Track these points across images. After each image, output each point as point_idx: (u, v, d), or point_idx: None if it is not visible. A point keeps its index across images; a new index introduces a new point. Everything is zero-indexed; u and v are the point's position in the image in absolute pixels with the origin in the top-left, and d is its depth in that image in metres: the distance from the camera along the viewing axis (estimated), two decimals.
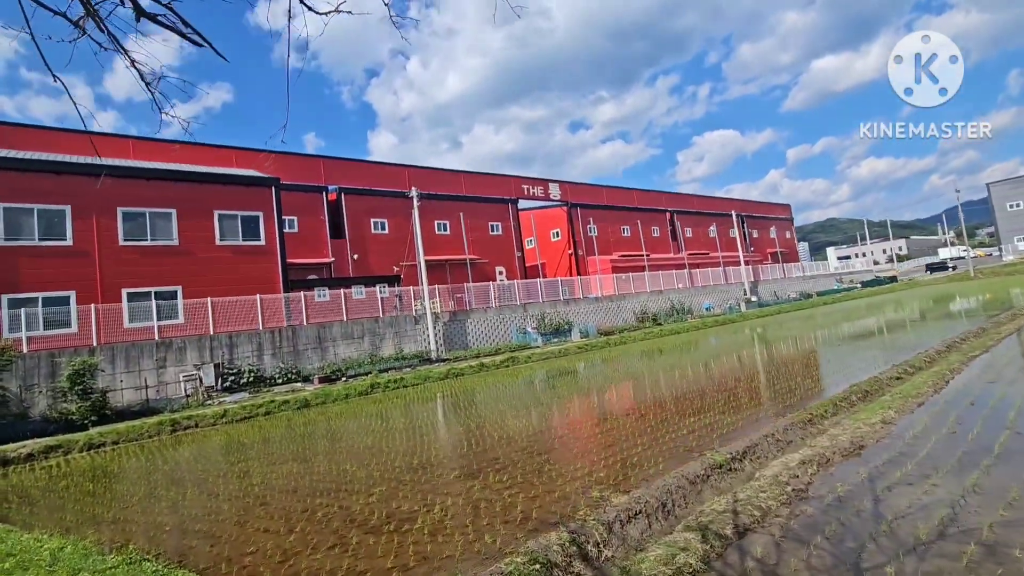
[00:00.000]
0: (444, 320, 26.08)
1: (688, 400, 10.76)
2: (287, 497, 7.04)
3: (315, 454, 9.64)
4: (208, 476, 8.91)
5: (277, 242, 22.31)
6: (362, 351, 23.03)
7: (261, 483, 7.95)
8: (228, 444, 12.18)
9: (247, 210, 21.69)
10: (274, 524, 6.02)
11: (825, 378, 11.00)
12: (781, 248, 61.28)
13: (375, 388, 18.89)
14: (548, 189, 42.79)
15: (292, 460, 9.32)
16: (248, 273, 21.36)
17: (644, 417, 9.49)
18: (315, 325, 22.00)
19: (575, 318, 30.77)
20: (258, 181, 22.37)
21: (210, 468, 9.58)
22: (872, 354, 13.69)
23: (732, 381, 12.69)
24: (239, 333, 20.14)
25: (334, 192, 31.67)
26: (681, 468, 6.06)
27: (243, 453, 10.58)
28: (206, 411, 16.21)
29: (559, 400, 13.43)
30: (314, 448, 10.26)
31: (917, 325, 21.46)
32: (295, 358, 21.19)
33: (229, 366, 19.62)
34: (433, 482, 6.92)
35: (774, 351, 18.34)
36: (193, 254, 20.32)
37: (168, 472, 9.79)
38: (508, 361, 22.76)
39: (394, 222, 33.20)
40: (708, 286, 41.56)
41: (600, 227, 45.05)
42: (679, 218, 52.28)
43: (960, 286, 46.53)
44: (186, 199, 20.36)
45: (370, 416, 14.09)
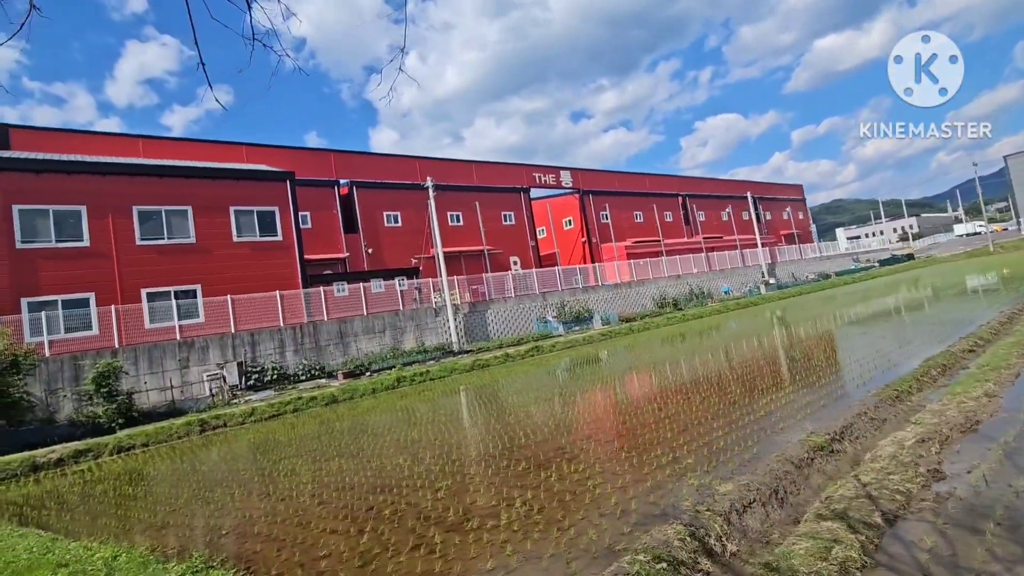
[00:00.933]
0: (464, 311, 25.62)
1: (749, 380, 10.25)
2: (345, 495, 6.60)
3: (360, 449, 9.21)
4: (252, 475, 8.50)
5: (294, 236, 21.87)
6: (384, 345, 22.63)
7: (312, 481, 7.52)
8: (263, 442, 11.78)
9: (263, 205, 21.24)
10: (340, 524, 5.57)
11: (888, 354, 10.44)
12: (795, 230, 60.37)
13: (401, 382, 18.49)
14: (560, 177, 42.12)
15: (338, 456, 8.89)
16: (267, 269, 20.95)
17: (707, 399, 8.98)
18: (336, 320, 21.59)
19: (594, 306, 30.25)
20: (273, 175, 21.90)
21: (251, 467, 9.18)
22: (927, 328, 13.10)
23: (787, 360, 12.16)
24: (260, 330, 19.76)
25: (346, 186, 31.18)
26: (780, 451, 5.56)
27: (282, 451, 10.17)
28: (233, 410, 15.86)
29: (603, 385, 12.95)
30: (357, 443, 9.83)
31: (958, 298, 20.79)
32: (317, 354, 20.81)
33: (252, 364, 19.26)
34: (501, 475, 6.46)
35: (817, 328, 17.78)
36: (211, 251, 19.91)
37: (208, 473, 9.39)
38: (533, 351, 22.30)
39: (407, 215, 32.69)
40: (726, 269, 40.87)
41: (613, 213, 44.35)
42: (692, 202, 51.49)
43: (982, 261, 45.64)
44: (201, 196, 19.93)
45: (404, 410, 13.67)
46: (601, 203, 43.76)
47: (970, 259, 51.63)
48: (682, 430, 7.25)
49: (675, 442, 6.71)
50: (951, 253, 57.98)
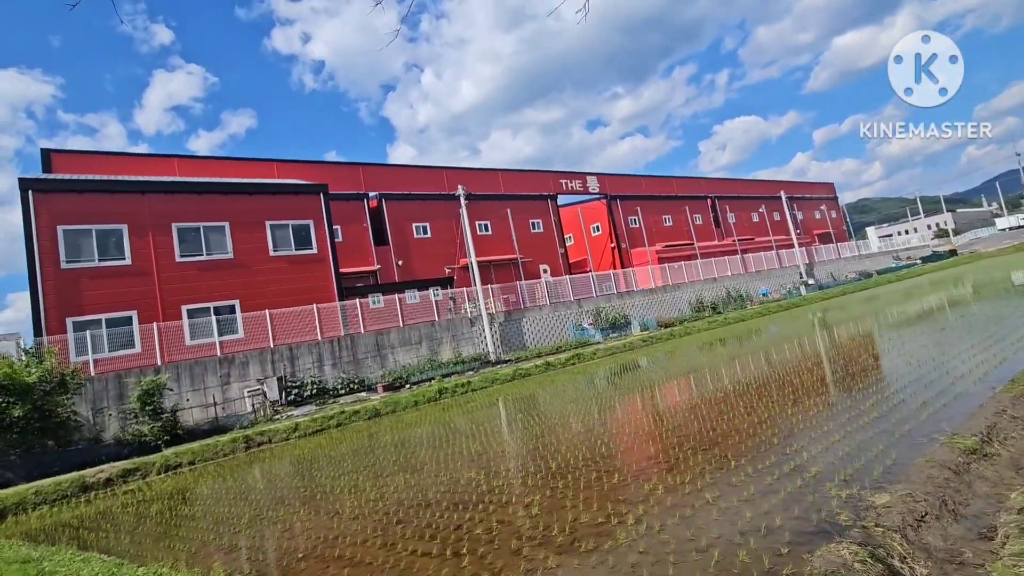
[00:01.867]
0: (499, 320, 25.12)
1: (837, 380, 9.47)
2: (424, 512, 6.06)
3: (422, 463, 8.69)
4: (313, 492, 8.03)
5: (329, 249, 21.72)
6: (420, 357, 22.22)
7: (381, 497, 7.01)
8: (313, 458, 11.37)
9: (298, 219, 21.16)
10: (430, 546, 5.03)
11: (986, 348, 9.56)
12: (829, 229, 58.63)
13: (443, 394, 18.02)
14: (586, 182, 41.61)
15: (400, 471, 8.39)
16: (303, 282, 20.80)
17: (799, 401, 8.24)
18: (372, 332, 21.28)
19: (629, 311, 29.49)
20: (306, 189, 21.85)
21: (309, 484, 8.72)
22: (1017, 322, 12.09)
23: (869, 358, 11.31)
24: (299, 344, 19.54)
25: (375, 199, 31.13)
26: (926, 456, 4.86)
27: (337, 466, 9.70)
28: (276, 426, 15.55)
29: (664, 388, 12.24)
30: (416, 456, 9.32)
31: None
32: (355, 367, 20.49)
33: (292, 379, 19.01)
34: (595, 488, 5.85)
35: (882, 323, 16.77)
36: (248, 266, 19.84)
37: (264, 491, 8.97)
38: (574, 358, 21.64)
39: (436, 225, 32.49)
40: (762, 271, 39.67)
41: (642, 218, 43.57)
42: (721, 203, 50.40)
43: None
44: (238, 211, 19.92)
45: (452, 421, 13.14)
46: (629, 208, 43.04)
47: (1019, 252, 49.30)
48: (787, 435, 6.55)
49: (787, 448, 6.02)
50: (997, 247, 55.53)
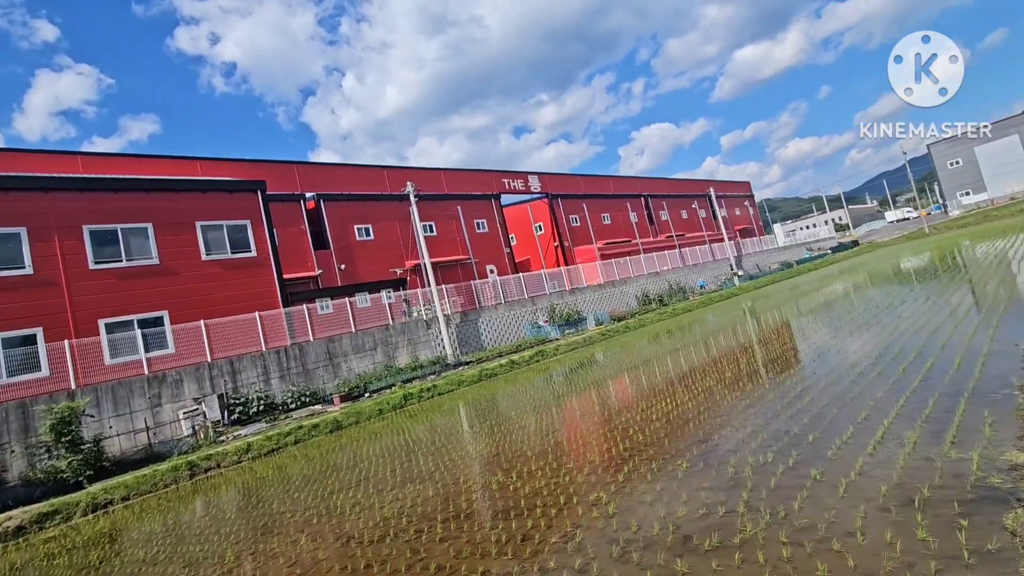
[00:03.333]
0: (456, 322, 24.22)
1: (848, 347, 9.59)
2: (469, 524, 5.25)
3: (427, 470, 7.78)
4: (308, 515, 6.90)
5: (270, 252, 19.90)
6: (376, 363, 20.87)
7: (399, 513, 6.07)
8: (280, 480, 10.02)
9: (233, 219, 19.18)
10: (512, 565, 4.26)
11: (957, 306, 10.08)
12: (747, 224, 62.52)
13: (409, 399, 16.94)
14: (528, 182, 41.52)
15: (409, 481, 7.44)
16: (242, 288, 18.86)
17: (821, 379, 8.18)
18: (323, 340, 19.69)
19: (582, 307, 29.58)
20: (242, 186, 19.89)
21: (295, 507, 7.53)
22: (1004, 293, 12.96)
23: (872, 322, 11.66)
24: (241, 357, 17.64)
25: (312, 200, 29.15)
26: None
27: (318, 486, 8.51)
28: (221, 448, 13.82)
29: (643, 374, 11.95)
30: (414, 464, 8.36)
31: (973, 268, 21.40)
32: (306, 378, 18.83)
33: (235, 395, 17.10)
34: (665, 478, 5.32)
35: (822, 298, 17.64)
36: (177, 273, 17.66)
37: (237, 520, 7.65)
38: (537, 355, 21.21)
39: (380, 227, 30.97)
40: (699, 264, 41.40)
41: (582, 216, 44.15)
42: (654, 201, 52.22)
43: (924, 241, 48.53)
44: (163, 211, 17.69)
45: (432, 426, 12.22)
46: (570, 206, 43.45)
47: (910, 241, 54.95)
48: (865, 418, 6.34)
49: (841, 417, 5.79)
50: (891, 237, 61.64)
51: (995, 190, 59.49)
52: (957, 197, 62.21)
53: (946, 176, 63.62)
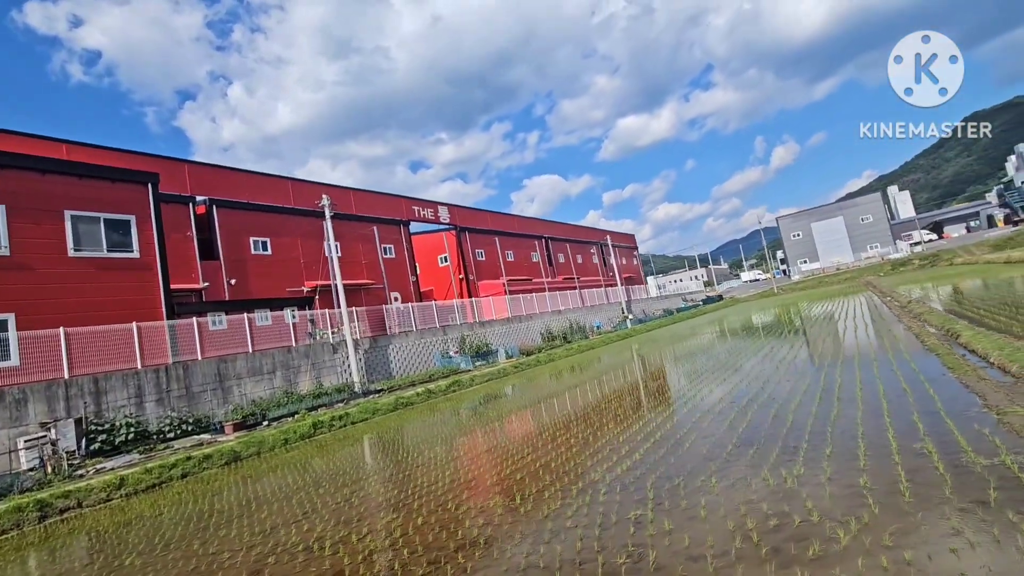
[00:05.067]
0: (364, 347, 22.73)
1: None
2: (492, 553, 4.69)
3: (408, 499, 6.90)
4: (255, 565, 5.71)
5: (157, 254, 17.26)
6: (275, 388, 18.73)
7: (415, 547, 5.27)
8: (180, 520, 8.30)
9: (113, 212, 16.40)
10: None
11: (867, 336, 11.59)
12: (633, 273, 67.71)
13: (319, 428, 15.33)
14: (438, 212, 41.28)
15: (384, 509, 6.53)
16: (118, 294, 16.02)
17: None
18: (213, 359, 17.29)
19: (490, 339, 29.49)
20: (129, 176, 17.18)
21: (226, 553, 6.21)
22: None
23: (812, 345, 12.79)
24: (109, 375, 14.79)
25: (203, 204, 26.11)
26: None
27: (249, 520, 7.15)
28: (84, 484, 11.28)
29: (558, 405, 12.04)
30: (387, 494, 7.40)
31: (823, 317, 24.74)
32: (189, 403, 16.27)
33: (97, 421, 14.17)
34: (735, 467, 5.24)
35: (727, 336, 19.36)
36: (33, 268, 14.53)
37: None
38: (454, 386, 20.52)
39: (279, 242, 28.50)
40: (595, 305, 43.60)
41: (488, 251, 44.66)
42: (552, 244, 54.54)
43: (774, 299, 56.06)
44: (21, 192, 14.59)
45: (350, 456, 11.11)
46: (477, 240, 43.77)
47: (763, 298, 63.21)
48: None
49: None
50: (747, 294, 70.37)
51: (825, 260, 71.15)
52: (798, 264, 73.31)
53: (790, 245, 74.97)
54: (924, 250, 62.88)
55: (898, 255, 63.70)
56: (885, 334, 14.32)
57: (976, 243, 56.16)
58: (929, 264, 54.81)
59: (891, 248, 66.90)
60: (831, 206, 70.05)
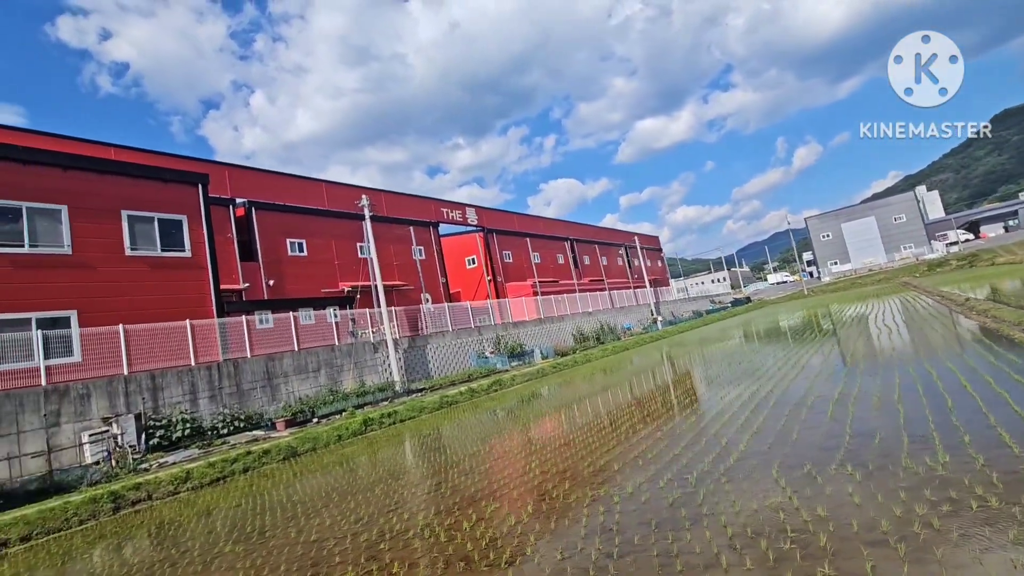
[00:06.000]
0: (403, 347, 22.78)
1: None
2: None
3: (501, 488, 6.80)
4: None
5: (207, 254, 17.51)
6: (319, 386, 18.84)
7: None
8: (261, 510, 8.32)
9: (166, 212, 16.71)
10: None
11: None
12: (659, 276, 67.01)
13: (369, 425, 15.35)
14: (466, 213, 41.37)
15: (485, 497, 6.42)
16: (171, 292, 16.28)
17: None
18: (261, 358, 17.46)
19: (524, 340, 29.35)
20: (180, 177, 17.49)
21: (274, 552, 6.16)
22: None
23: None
24: (165, 371, 15.01)
25: (242, 207, 26.51)
26: None
27: (339, 510, 7.10)
28: (152, 476, 11.41)
29: (613, 402, 11.81)
30: (475, 484, 7.30)
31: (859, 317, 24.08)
32: (240, 400, 16.44)
33: (154, 416, 14.38)
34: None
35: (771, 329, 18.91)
36: (93, 267, 14.84)
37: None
38: (495, 385, 20.42)
39: (314, 243, 28.80)
40: (624, 307, 43.21)
41: (515, 253, 44.59)
42: (578, 245, 54.26)
43: (804, 301, 54.92)
44: (81, 193, 14.94)
45: (413, 451, 11.06)
46: (504, 242, 43.74)
47: (792, 300, 61.98)
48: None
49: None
50: (776, 296, 69.11)
51: (856, 261, 69.59)
52: (828, 265, 71.80)
53: (819, 246, 73.52)
54: (961, 250, 61.10)
55: (933, 255, 62.00)
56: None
57: (1016, 242, 54.37)
58: (968, 264, 53.20)
59: (926, 248, 65.15)
60: (862, 206, 68.61)
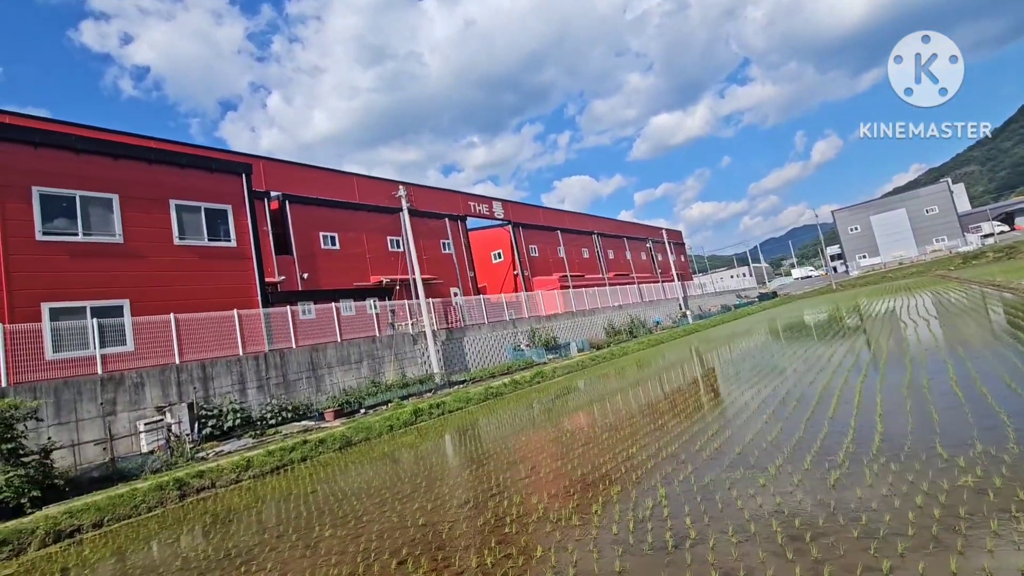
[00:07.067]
0: (441, 339, 22.56)
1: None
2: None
3: (606, 472, 6.46)
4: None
5: (251, 244, 17.41)
6: (361, 378, 18.67)
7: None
8: (342, 496, 8.06)
9: (212, 202, 16.62)
10: None
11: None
12: (683, 270, 66.12)
13: (419, 416, 15.12)
14: (492, 207, 41.03)
15: (586, 484, 6.09)
16: (217, 282, 16.21)
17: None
18: (306, 348, 17.33)
19: (557, 333, 28.99)
20: (225, 166, 17.39)
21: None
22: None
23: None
24: (215, 361, 14.92)
25: (277, 200, 26.51)
26: None
27: (435, 495, 6.82)
28: (215, 464, 11.29)
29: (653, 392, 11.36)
30: (580, 468, 6.98)
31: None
32: (286, 391, 16.32)
33: (206, 406, 14.30)
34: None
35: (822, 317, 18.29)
36: (144, 256, 14.79)
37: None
38: (537, 376, 20.11)
39: (345, 237, 28.72)
40: (654, 301, 42.61)
41: (541, 247, 44.20)
42: (602, 240, 53.68)
43: (832, 296, 53.70)
44: (131, 182, 14.89)
45: (498, 435, 10.76)
46: (530, 236, 43.37)
47: (820, 295, 60.73)
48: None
49: None
50: (802, 291, 67.81)
51: (886, 255, 67.99)
52: (856, 259, 70.26)
53: (847, 240, 71.95)
54: (997, 242, 59.32)
55: (968, 248, 60.28)
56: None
57: None
58: (1005, 256, 51.61)
59: (959, 241, 63.36)
60: (893, 197, 66.95)
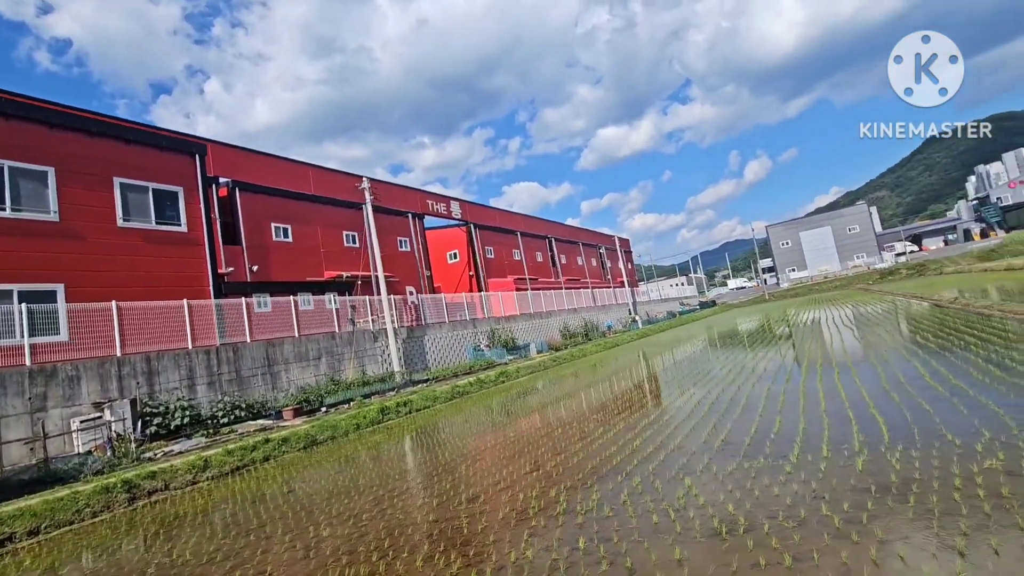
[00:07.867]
0: (403, 337, 21.93)
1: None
2: None
3: (618, 460, 6.34)
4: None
5: (204, 229, 16.26)
6: (320, 375, 17.80)
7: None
8: (328, 495, 7.55)
9: (161, 182, 15.34)
10: None
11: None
12: (631, 277, 68.04)
13: (386, 414, 14.55)
14: (450, 207, 40.53)
15: (601, 475, 5.95)
16: (165, 269, 14.96)
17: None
18: (262, 343, 16.31)
19: (516, 335, 28.96)
20: (176, 145, 16.12)
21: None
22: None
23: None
24: (161, 354, 13.71)
25: (225, 187, 24.87)
26: None
27: (436, 490, 6.47)
28: (167, 464, 10.31)
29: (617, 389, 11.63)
30: (593, 461, 6.81)
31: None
32: (240, 388, 15.26)
33: (151, 403, 13.09)
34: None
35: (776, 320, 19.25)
36: (83, 237, 13.39)
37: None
38: (501, 376, 19.93)
39: (299, 230, 27.33)
40: (606, 306, 43.49)
41: (496, 249, 44.11)
42: (556, 244, 54.31)
43: (765, 305, 56.95)
44: (71, 156, 13.45)
45: (486, 433, 10.48)
46: (487, 238, 43.19)
47: (755, 304, 64.29)
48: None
49: None
50: (739, 300, 71.52)
51: (812, 269, 72.98)
52: (786, 272, 74.97)
53: (779, 253, 76.71)
54: (908, 260, 65.09)
55: (883, 264, 65.77)
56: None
57: (960, 254, 58.40)
58: (916, 273, 56.64)
59: (876, 258, 69.08)
60: (818, 216, 72.18)
